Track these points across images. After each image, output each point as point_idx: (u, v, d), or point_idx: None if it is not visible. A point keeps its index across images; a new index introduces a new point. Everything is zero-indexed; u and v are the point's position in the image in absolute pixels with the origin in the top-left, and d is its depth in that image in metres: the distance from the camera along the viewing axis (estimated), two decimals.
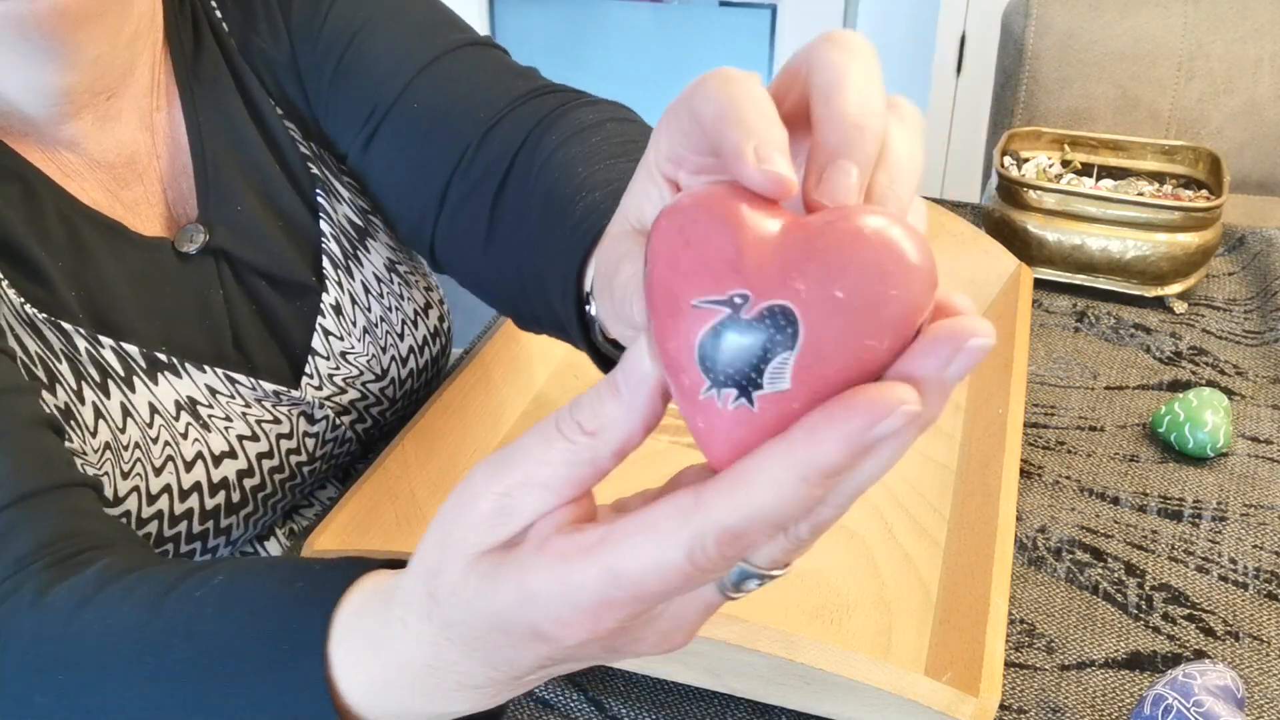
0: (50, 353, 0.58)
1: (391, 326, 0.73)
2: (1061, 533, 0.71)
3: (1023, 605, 0.66)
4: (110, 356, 0.60)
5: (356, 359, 0.71)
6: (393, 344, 0.73)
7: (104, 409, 0.59)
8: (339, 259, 0.71)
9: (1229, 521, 0.72)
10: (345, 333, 0.71)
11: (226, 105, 0.67)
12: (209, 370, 0.63)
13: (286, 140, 0.69)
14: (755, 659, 0.53)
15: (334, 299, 0.70)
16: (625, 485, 0.34)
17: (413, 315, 0.75)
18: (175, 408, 0.62)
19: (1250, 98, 1.48)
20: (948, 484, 0.74)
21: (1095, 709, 0.60)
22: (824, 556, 0.68)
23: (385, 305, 0.73)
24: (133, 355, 0.61)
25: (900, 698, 0.51)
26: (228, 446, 0.64)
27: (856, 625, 0.63)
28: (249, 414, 0.65)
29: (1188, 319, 0.95)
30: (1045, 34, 1.50)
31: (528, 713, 0.60)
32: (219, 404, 0.64)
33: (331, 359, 0.70)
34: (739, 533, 0.28)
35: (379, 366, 0.73)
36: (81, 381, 0.59)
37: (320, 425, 0.70)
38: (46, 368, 0.58)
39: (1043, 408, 0.83)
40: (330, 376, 0.70)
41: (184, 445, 0.62)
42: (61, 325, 0.58)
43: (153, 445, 0.61)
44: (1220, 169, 0.97)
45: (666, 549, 0.29)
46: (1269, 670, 0.62)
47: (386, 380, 0.73)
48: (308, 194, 0.70)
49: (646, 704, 0.60)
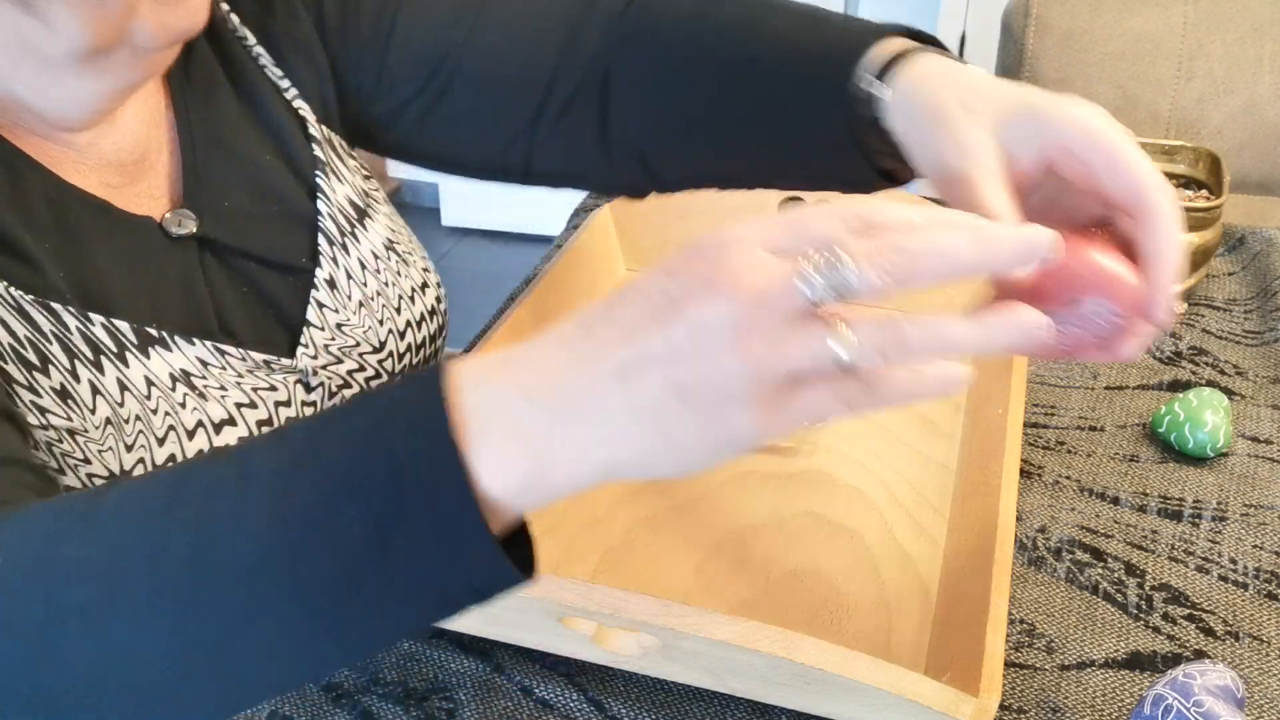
0: (40, 335, 0.58)
1: (388, 301, 0.75)
2: (1061, 533, 0.71)
3: (1023, 605, 0.66)
4: (101, 333, 0.60)
5: (353, 330, 0.73)
6: (389, 317, 0.75)
7: (100, 385, 0.60)
8: (335, 236, 0.73)
9: (1229, 521, 0.72)
10: (340, 305, 0.72)
11: (217, 99, 0.69)
12: (197, 343, 0.64)
13: (291, 125, 0.72)
14: (755, 659, 0.53)
15: (328, 274, 0.72)
16: (626, 484, 0.34)
17: (409, 292, 0.77)
18: (170, 380, 0.63)
19: (1250, 98, 1.47)
20: (948, 484, 0.74)
21: (1095, 709, 0.60)
22: (824, 556, 0.68)
23: (382, 280, 0.75)
24: (123, 331, 0.61)
25: (900, 698, 0.51)
26: (227, 414, 0.65)
27: (856, 625, 0.63)
28: (243, 383, 0.66)
29: (1188, 319, 0.95)
30: (1045, 34, 1.50)
31: (527, 713, 0.60)
32: (212, 375, 0.65)
33: (327, 329, 0.71)
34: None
35: (376, 339, 0.74)
36: (74, 360, 0.59)
37: (317, 393, 0.71)
38: (38, 350, 0.58)
39: (1043, 408, 0.83)
40: (326, 346, 0.71)
41: (184, 414, 0.62)
42: (50, 305, 0.59)
43: (153, 417, 0.61)
44: (1220, 169, 0.97)
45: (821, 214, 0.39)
46: (1269, 670, 0.62)
47: (385, 353, 0.75)
48: (307, 177, 0.72)
49: (646, 704, 0.60)
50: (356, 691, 0.61)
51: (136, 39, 0.57)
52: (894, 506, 0.72)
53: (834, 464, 0.76)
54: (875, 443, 0.78)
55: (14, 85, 0.58)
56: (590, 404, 0.38)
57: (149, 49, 0.58)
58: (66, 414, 0.58)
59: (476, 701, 0.61)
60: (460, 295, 0.74)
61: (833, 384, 0.39)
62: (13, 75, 0.57)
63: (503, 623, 0.60)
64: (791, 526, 0.70)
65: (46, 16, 0.53)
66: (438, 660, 0.63)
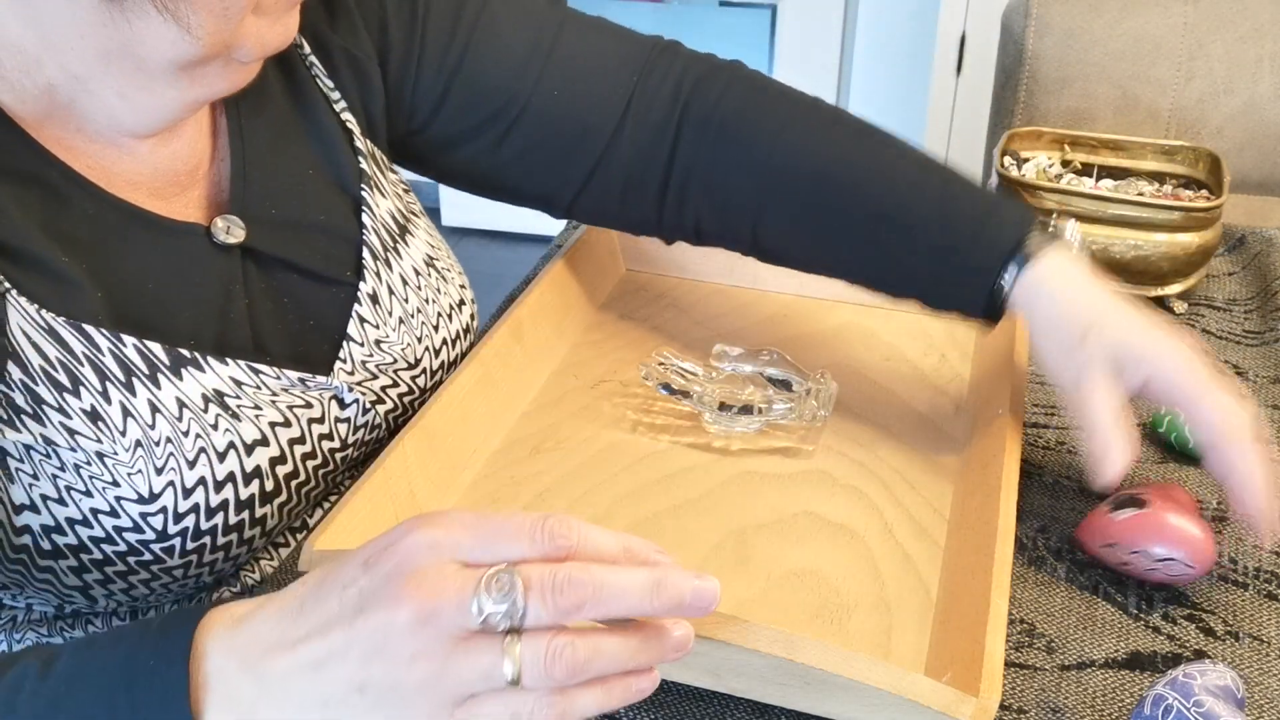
0: (71, 356, 0.58)
1: (427, 318, 0.75)
2: (1061, 533, 0.71)
3: (1023, 605, 0.66)
4: (133, 354, 0.60)
5: (390, 347, 0.73)
6: (427, 335, 0.75)
7: (131, 407, 0.59)
8: (379, 251, 0.73)
9: (1229, 522, 0.72)
10: (381, 321, 0.72)
11: (269, 107, 0.69)
12: (230, 363, 0.64)
13: (340, 137, 0.72)
14: (755, 659, 0.53)
15: (371, 289, 0.72)
16: (627, 484, 0.34)
17: (448, 309, 0.77)
18: (203, 401, 0.62)
19: (1250, 98, 1.47)
20: (948, 484, 0.74)
21: (1095, 709, 0.60)
22: (824, 556, 0.68)
23: (422, 297, 0.75)
24: (155, 352, 0.61)
25: (900, 698, 0.51)
26: (259, 434, 0.64)
27: (856, 625, 0.63)
28: (278, 401, 0.66)
29: (1188, 319, 0.95)
30: (1045, 34, 1.50)
31: None
32: (246, 394, 0.64)
33: (366, 345, 0.71)
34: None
35: (413, 356, 0.74)
36: (106, 382, 0.59)
37: (351, 410, 0.70)
38: (69, 371, 0.58)
39: (1043, 408, 0.83)
40: (364, 363, 0.71)
41: (215, 436, 0.62)
42: (82, 327, 0.58)
43: (184, 439, 0.61)
44: (1220, 169, 0.97)
45: None
46: (1269, 670, 0.62)
47: (419, 369, 0.75)
48: (352, 190, 0.72)
49: (646, 704, 0.60)
50: None
51: (235, 52, 0.58)
52: (894, 506, 0.72)
53: (834, 464, 0.76)
54: (875, 443, 0.78)
55: (96, 90, 0.58)
56: (288, 689, 0.42)
57: (244, 62, 0.59)
58: (96, 436, 0.58)
59: None
60: None
61: (507, 699, 0.41)
62: (100, 80, 0.57)
63: None
64: (791, 526, 0.70)
65: (186, 22, 0.55)
66: None
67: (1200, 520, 0.65)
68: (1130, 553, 0.65)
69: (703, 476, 0.74)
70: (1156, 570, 0.65)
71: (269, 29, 0.59)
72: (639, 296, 0.95)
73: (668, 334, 0.90)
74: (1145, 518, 0.65)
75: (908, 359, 0.87)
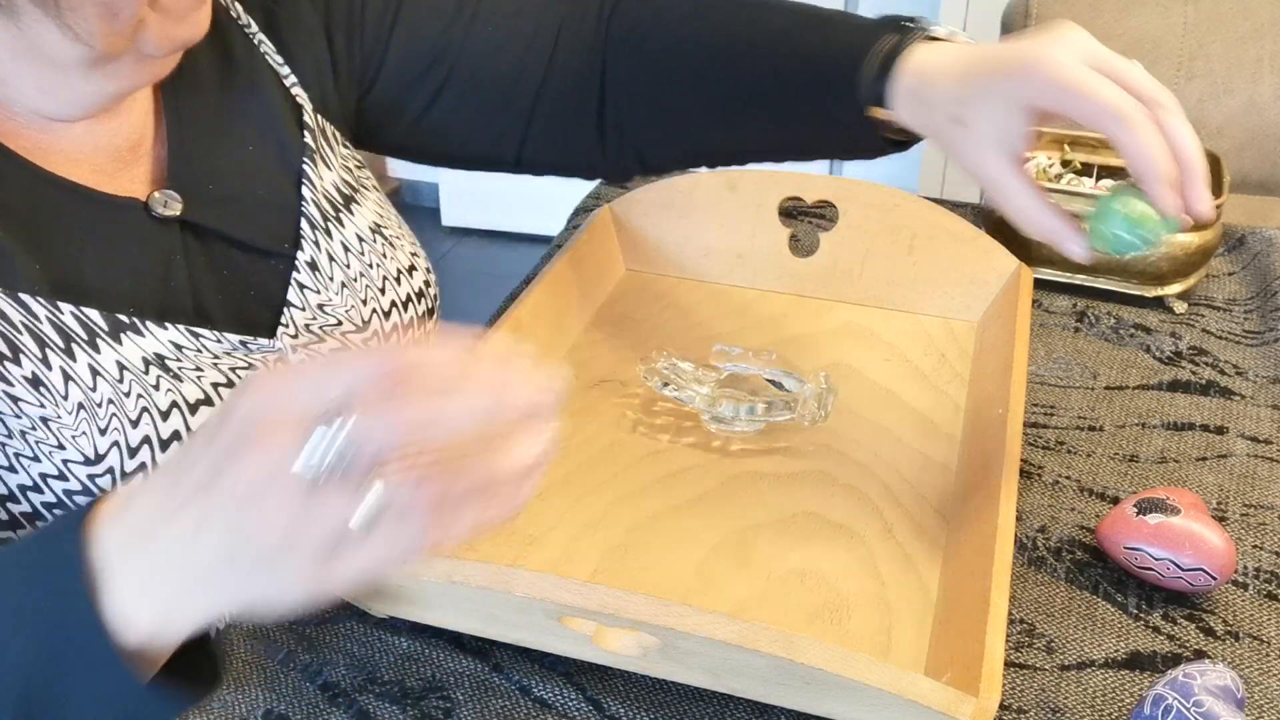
0: (10, 325, 0.59)
1: (372, 281, 0.76)
2: (1061, 533, 0.71)
3: (1023, 605, 0.66)
4: (71, 321, 0.61)
5: (334, 309, 0.73)
6: (373, 297, 0.76)
7: (72, 371, 0.61)
8: (317, 221, 0.74)
9: (1229, 522, 0.72)
10: (321, 287, 0.73)
11: (207, 85, 0.71)
12: (171, 327, 0.65)
13: (286, 112, 0.74)
14: (755, 659, 0.53)
15: (309, 257, 0.73)
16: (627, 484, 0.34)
17: (395, 273, 0.78)
18: (143, 364, 0.63)
19: (1250, 98, 1.47)
20: (948, 484, 0.74)
21: (1095, 709, 0.60)
22: (824, 556, 0.68)
23: (365, 262, 0.76)
24: (93, 319, 0.62)
25: (900, 698, 0.51)
26: (203, 394, 0.65)
27: (856, 625, 0.63)
28: (220, 364, 0.67)
29: (1188, 319, 0.95)
30: None
31: (525, 712, 0.60)
32: (186, 357, 0.65)
33: (308, 309, 0.72)
34: None
35: (359, 318, 0.75)
36: (45, 348, 0.60)
37: None
38: (8, 340, 0.59)
39: (1043, 408, 0.83)
40: (307, 326, 0.72)
41: (157, 396, 0.63)
42: (19, 296, 0.60)
43: (125, 399, 0.62)
44: (1220, 169, 0.97)
45: None
46: (1269, 670, 0.62)
47: (369, 332, 0.76)
48: (294, 163, 0.74)
49: (646, 704, 0.60)
50: (353, 690, 0.61)
51: (143, 48, 0.59)
52: (894, 506, 0.72)
53: (834, 464, 0.76)
54: (875, 443, 0.78)
55: (15, 83, 0.60)
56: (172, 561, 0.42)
57: (153, 56, 0.60)
58: (39, 401, 0.59)
59: (474, 701, 0.61)
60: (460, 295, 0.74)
61: (375, 541, 0.40)
62: (17, 75, 0.59)
63: (502, 623, 0.60)
64: (791, 526, 0.70)
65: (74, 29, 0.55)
66: (435, 659, 0.63)
67: (1223, 530, 0.65)
68: (1156, 558, 0.65)
69: (703, 476, 0.74)
70: (1181, 578, 0.65)
71: (175, 25, 0.60)
72: (639, 296, 0.95)
73: (668, 334, 0.90)
74: (1177, 526, 0.65)
75: (908, 359, 0.87)
